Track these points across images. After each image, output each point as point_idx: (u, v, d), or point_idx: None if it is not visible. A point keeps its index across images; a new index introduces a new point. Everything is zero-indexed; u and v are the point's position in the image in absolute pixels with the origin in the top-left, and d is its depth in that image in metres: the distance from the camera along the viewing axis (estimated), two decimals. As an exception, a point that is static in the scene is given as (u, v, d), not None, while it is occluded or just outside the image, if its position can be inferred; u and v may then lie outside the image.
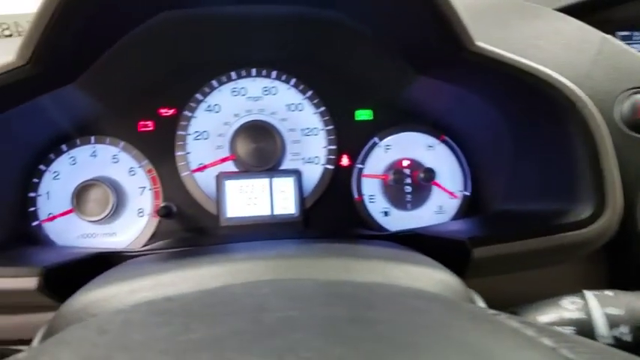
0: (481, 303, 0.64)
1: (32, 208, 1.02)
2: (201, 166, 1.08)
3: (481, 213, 1.09)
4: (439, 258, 0.67)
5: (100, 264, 0.84)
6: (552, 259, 0.79)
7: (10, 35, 1.30)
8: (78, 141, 1.05)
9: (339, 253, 0.65)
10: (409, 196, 1.12)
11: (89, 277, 0.64)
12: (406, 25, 0.84)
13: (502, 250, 0.75)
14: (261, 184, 1.04)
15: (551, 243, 0.73)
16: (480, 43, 0.77)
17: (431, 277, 0.60)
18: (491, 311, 0.44)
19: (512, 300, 0.73)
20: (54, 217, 1.02)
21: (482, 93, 0.93)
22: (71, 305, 0.56)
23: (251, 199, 1.03)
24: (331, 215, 1.10)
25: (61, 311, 0.55)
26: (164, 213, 0.98)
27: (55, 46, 0.74)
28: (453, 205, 1.13)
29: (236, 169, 1.08)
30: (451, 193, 1.13)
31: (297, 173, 1.05)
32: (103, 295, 0.55)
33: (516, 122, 0.92)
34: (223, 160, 1.08)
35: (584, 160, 0.75)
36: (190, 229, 1.05)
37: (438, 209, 1.13)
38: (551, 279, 0.85)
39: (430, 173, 1.08)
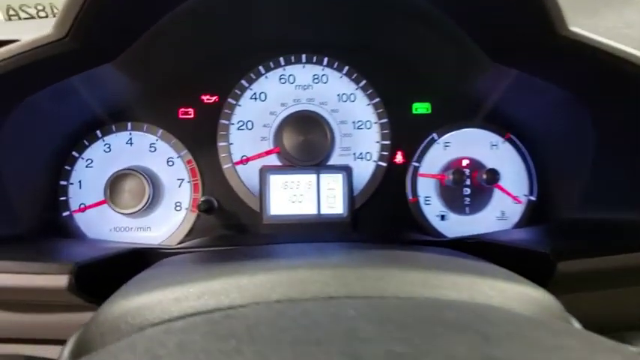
0: (577, 326, 0.55)
1: (63, 198, 0.95)
2: (243, 158, 1.00)
3: (549, 220, 0.98)
4: (515, 271, 0.58)
5: (135, 261, 0.77)
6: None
7: (46, 16, 1.25)
8: (113, 127, 0.98)
9: (413, 263, 0.56)
10: (468, 199, 1.02)
11: (124, 274, 0.57)
12: (491, 7, 0.74)
13: (590, 265, 0.65)
14: (307, 180, 0.95)
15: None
16: (575, 28, 0.67)
17: (526, 297, 0.51)
18: (633, 349, 0.35)
19: (596, 322, 0.63)
20: (85, 208, 0.95)
21: (566, 84, 0.83)
22: (109, 312, 0.48)
23: (296, 195, 0.95)
24: (382, 217, 1.00)
25: (98, 318, 0.47)
26: (205, 208, 0.90)
27: (93, 21, 0.68)
28: (516, 210, 1.02)
29: (280, 163, 1.00)
30: (515, 198, 1.02)
31: (347, 170, 0.96)
32: (143, 302, 0.47)
33: (603, 118, 0.81)
34: (268, 152, 0.99)
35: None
36: (230, 226, 0.97)
37: (500, 215, 1.02)
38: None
39: (493, 174, 0.98)
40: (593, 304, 0.71)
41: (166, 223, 0.97)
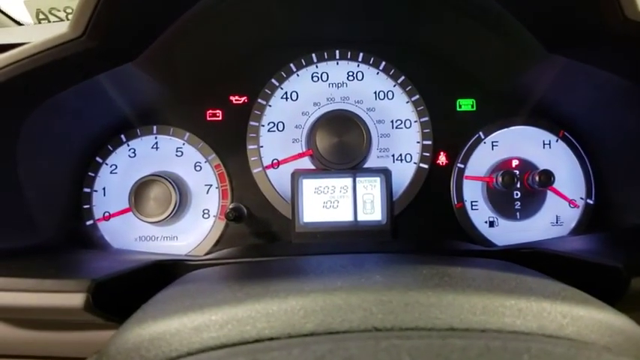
0: None
1: (86, 206, 0.91)
2: (274, 162, 0.94)
3: (611, 227, 0.89)
4: (578, 287, 0.50)
5: (159, 274, 0.72)
6: None
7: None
8: (138, 131, 0.93)
9: (467, 282, 0.48)
10: (519, 203, 0.94)
11: (147, 289, 0.53)
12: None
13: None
14: (342, 184, 0.88)
15: None
16: None
17: (606, 326, 0.43)
18: None
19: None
20: (110, 217, 0.91)
21: (630, 73, 0.73)
22: (122, 342, 0.42)
23: (331, 201, 0.88)
24: (425, 224, 0.93)
25: (109, 351, 0.42)
26: (234, 216, 0.84)
27: (109, 20, 0.63)
28: (572, 215, 0.93)
29: (314, 167, 0.93)
30: (571, 201, 0.93)
31: (385, 173, 0.88)
32: (160, 332, 0.41)
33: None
34: (300, 155, 0.93)
35: None
36: (261, 234, 0.91)
37: (555, 220, 0.93)
38: None
39: (548, 176, 0.89)
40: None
41: (194, 232, 0.92)
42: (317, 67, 0.96)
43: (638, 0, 0.77)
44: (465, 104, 0.95)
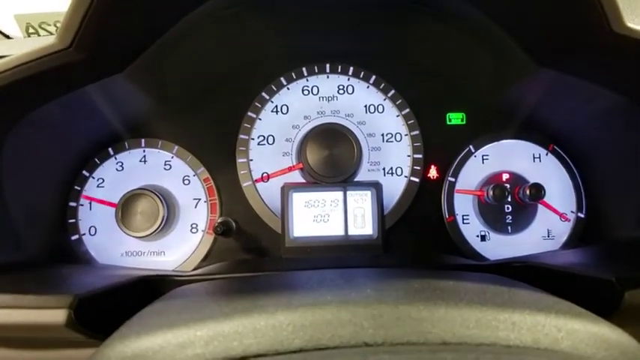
0: None
1: (72, 220, 0.89)
2: (264, 175, 0.93)
3: (602, 240, 0.88)
4: (572, 301, 0.50)
5: (145, 290, 0.70)
6: None
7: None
8: (126, 144, 0.92)
9: (460, 295, 0.47)
10: (510, 216, 0.93)
11: (132, 306, 0.51)
12: (540, 5, 0.66)
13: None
14: (333, 198, 0.87)
15: None
16: (632, 24, 0.60)
17: (602, 339, 0.42)
18: None
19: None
20: (96, 232, 0.89)
21: (620, 87, 0.74)
22: (105, 359, 0.40)
23: (322, 215, 0.87)
24: (416, 238, 0.92)
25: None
26: (222, 230, 0.83)
27: (97, 31, 0.63)
28: (563, 229, 0.93)
29: (304, 180, 0.92)
30: (562, 215, 0.93)
31: (376, 186, 0.87)
32: (144, 348, 0.39)
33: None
34: (291, 169, 0.92)
35: None
36: (250, 249, 0.90)
37: (546, 234, 0.93)
38: None
39: (538, 190, 0.89)
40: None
41: (182, 247, 0.91)
42: (307, 80, 0.96)
43: (624, 13, 0.78)
44: (455, 118, 0.95)
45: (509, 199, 0.93)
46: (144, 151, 0.93)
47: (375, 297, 0.46)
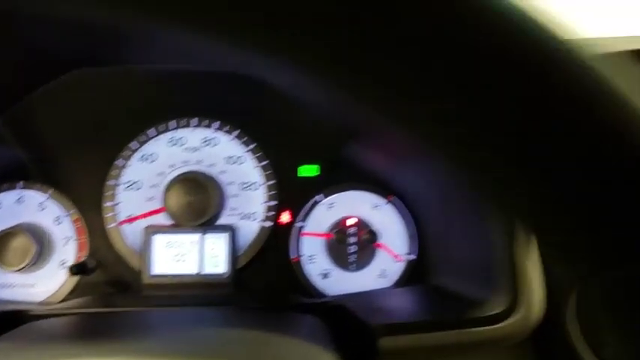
0: None
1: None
2: (130, 217, 1.03)
3: (424, 281, 1.03)
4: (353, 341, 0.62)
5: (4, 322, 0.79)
6: (469, 353, 0.73)
7: None
8: (4, 185, 1.01)
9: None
10: (353, 256, 1.07)
11: None
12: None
13: (411, 341, 0.68)
14: (192, 239, 0.99)
15: (463, 338, 0.67)
16: None
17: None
18: None
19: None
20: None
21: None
22: None
23: (180, 254, 0.98)
24: (265, 277, 1.04)
25: None
26: (76, 270, 0.93)
27: None
28: (396, 269, 1.07)
29: (168, 223, 1.03)
30: (396, 256, 1.07)
31: (230, 229, 1.00)
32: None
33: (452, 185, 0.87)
34: (152, 212, 1.03)
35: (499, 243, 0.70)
36: (113, 284, 1.00)
37: (381, 273, 1.07)
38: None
39: (372, 235, 1.03)
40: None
41: (51, 281, 1.00)
42: (175, 132, 1.06)
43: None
44: (308, 170, 1.08)
45: (352, 241, 1.07)
46: (21, 192, 1.02)
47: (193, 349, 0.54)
